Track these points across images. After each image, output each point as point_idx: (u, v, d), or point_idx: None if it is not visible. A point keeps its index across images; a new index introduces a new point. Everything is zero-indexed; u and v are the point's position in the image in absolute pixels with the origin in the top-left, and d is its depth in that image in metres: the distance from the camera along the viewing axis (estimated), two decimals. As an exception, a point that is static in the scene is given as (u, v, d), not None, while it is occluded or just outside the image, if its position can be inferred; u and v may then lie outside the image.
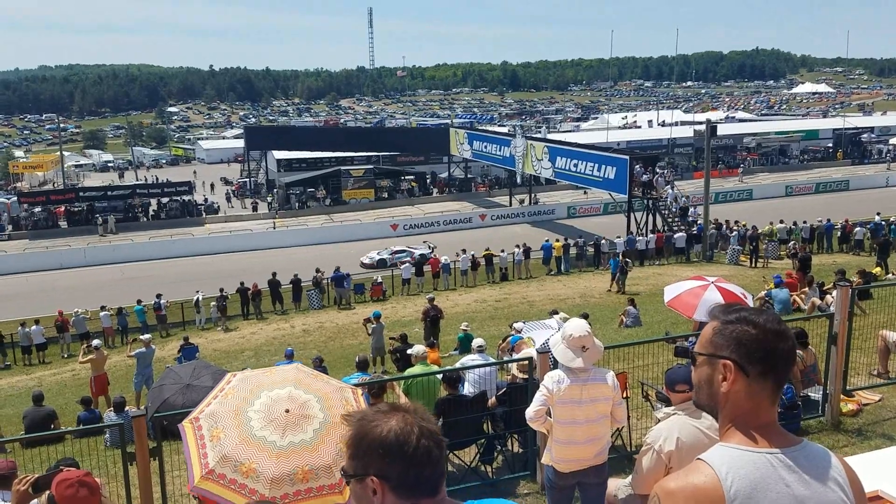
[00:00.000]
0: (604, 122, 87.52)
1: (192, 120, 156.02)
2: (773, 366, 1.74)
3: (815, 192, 51.85)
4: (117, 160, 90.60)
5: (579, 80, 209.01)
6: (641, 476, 3.83)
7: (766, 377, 1.74)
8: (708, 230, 32.29)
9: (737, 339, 1.76)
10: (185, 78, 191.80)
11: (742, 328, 1.76)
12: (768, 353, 1.73)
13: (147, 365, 16.22)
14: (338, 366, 15.24)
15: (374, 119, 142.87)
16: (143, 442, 5.33)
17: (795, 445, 1.73)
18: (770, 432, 1.74)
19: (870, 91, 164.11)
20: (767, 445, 1.71)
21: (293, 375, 3.02)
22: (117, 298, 27.83)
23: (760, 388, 1.75)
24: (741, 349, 1.75)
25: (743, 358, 1.74)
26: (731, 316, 1.81)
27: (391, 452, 1.63)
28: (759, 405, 1.75)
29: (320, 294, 28.28)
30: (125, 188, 52.61)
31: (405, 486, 1.64)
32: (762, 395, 1.75)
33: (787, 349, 1.76)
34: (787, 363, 1.77)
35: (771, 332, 1.75)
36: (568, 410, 4.49)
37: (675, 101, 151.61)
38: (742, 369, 1.74)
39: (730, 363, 1.76)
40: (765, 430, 1.74)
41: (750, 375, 1.74)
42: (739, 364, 1.75)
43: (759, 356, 1.73)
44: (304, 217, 48.80)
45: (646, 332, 15.47)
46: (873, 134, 69.66)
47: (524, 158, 44.68)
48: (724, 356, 1.77)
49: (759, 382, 1.74)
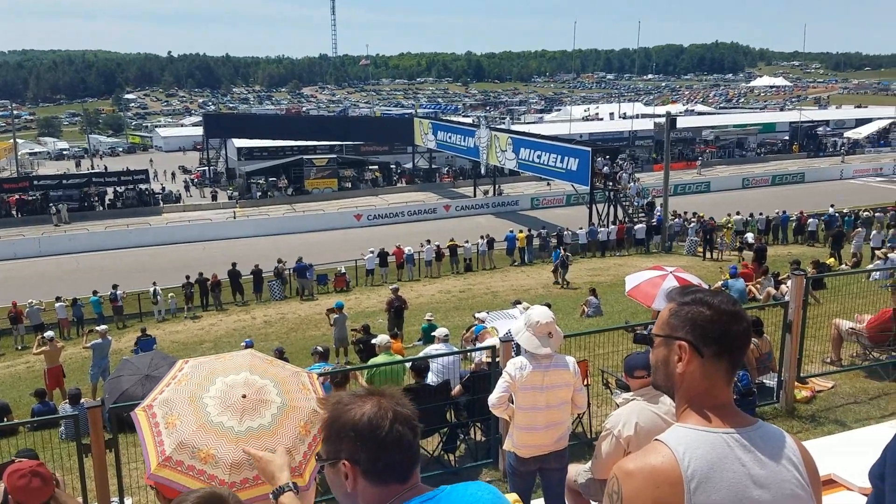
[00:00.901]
0: (567, 114, 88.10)
1: (149, 107, 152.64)
2: (728, 347, 1.76)
3: (771, 185, 52.92)
4: (73, 148, 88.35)
5: (543, 72, 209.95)
6: (601, 461, 3.89)
7: (720, 358, 1.76)
8: (667, 222, 32.78)
9: (692, 319, 1.78)
10: (142, 64, 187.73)
11: (697, 309, 1.78)
12: (723, 334, 1.75)
13: (103, 356, 15.94)
14: (300, 357, 15.12)
15: (338, 108, 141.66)
16: (99, 433, 5.24)
17: (751, 426, 1.76)
18: (726, 413, 1.76)
19: (826, 85, 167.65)
20: (723, 425, 1.73)
21: (248, 361, 2.98)
22: (72, 289, 27.20)
23: (715, 368, 1.77)
24: (696, 330, 1.77)
25: (697, 339, 1.76)
26: (686, 298, 1.82)
27: (363, 436, 1.62)
28: (714, 386, 1.77)
29: (282, 285, 28.01)
30: (80, 176, 51.34)
31: (375, 470, 1.63)
32: (717, 375, 1.77)
33: (741, 330, 1.78)
34: (742, 344, 1.79)
35: (725, 314, 1.76)
36: (530, 396, 4.52)
37: (636, 94, 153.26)
38: (697, 350, 1.76)
39: (685, 344, 1.78)
40: (720, 410, 1.76)
41: (704, 356, 1.76)
42: (694, 345, 1.77)
43: (714, 337, 1.75)
44: (265, 207, 48.23)
45: (606, 322, 15.67)
46: (829, 127, 71.28)
47: (488, 149, 44.78)
48: (679, 337, 1.79)
49: (713, 363, 1.77)
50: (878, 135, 69.22)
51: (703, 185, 52.03)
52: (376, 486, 1.65)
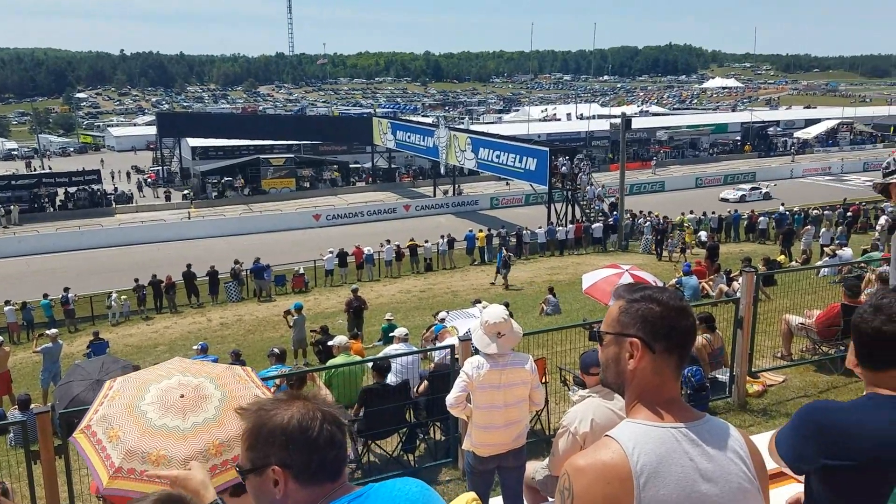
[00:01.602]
0: (525, 115, 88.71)
1: (101, 106, 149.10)
2: (677, 342, 1.79)
3: (723, 184, 53.94)
4: (22, 148, 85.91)
5: (501, 73, 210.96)
6: (558, 457, 3.92)
7: (670, 353, 1.79)
8: (623, 221, 33.23)
9: (642, 316, 1.80)
10: (94, 63, 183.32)
11: (647, 306, 1.81)
12: (672, 330, 1.78)
13: (54, 361, 15.53)
14: (257, 359, 14.94)
15: (295, 107, 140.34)
16: (48, 440, 5.11)
17: (698, 420, 1.79)
18: (674, 407, 1.78)
19: (776, 86, 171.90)
20: (672, 420, 1.76)
21: (177, 365, 3.01)
22: (22, 292, 26.48)
23: (665, 363, 1.80)
24: (647, 326, 1.79)
25: (649, 335, 1.79)
26: (635, 295, 1.85)
27: (294, 439, 1.60)
28: (663, 381, 1.80)
29: (239, 286, 27.64)
30: (30, 177, 50.02)
31: (309, 472, 1.62)
32: (666, 370, 1.80)
33: (689, 325, 1.81)
34: (690, 339, 1.83)
35: (674, 309, 1.79)
36: (487, 395, 4.54)
37: (592, 95, 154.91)
38: (648, 346, 1.79)
39: (637, 341, 1.80)
40: (669, 405, 1.78)
41: (655, 352, 1.79)
42: (646, 341, 1.79)
43: (664, 333, 1.78)
44: (221, 207, 47.53)
45: (564, 320, 15.82)
46: (779, 127, 73.09)
47: (448, 149, 44.84)
48: (630, 334, 1.81)
49: (664, 358, 1.79)
50: (827, 135, 71.23)
51: (657, 185, 52.89)
52: (307, 487, 1.63)
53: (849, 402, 2.13)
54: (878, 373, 2.11)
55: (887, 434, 1.94)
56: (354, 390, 7.92)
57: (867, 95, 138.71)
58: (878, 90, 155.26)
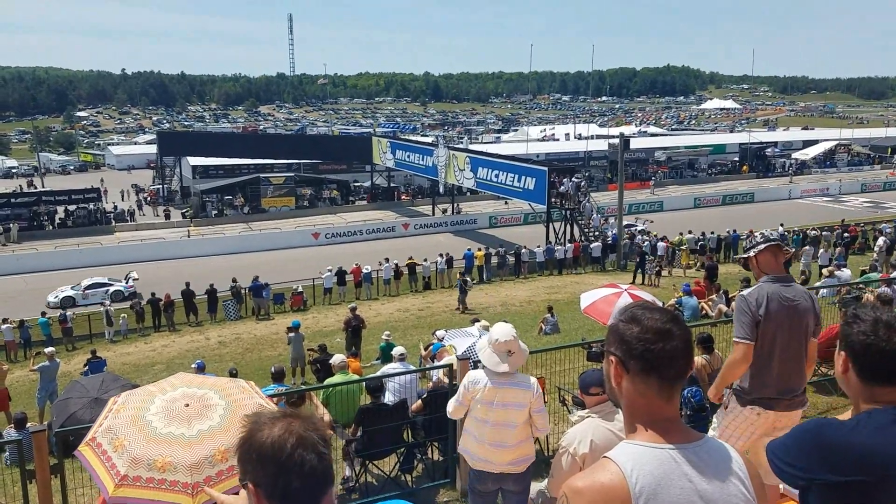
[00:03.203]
0: (524, 135, 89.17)
1: (102, 125, 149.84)
2: (654, 364, 1.76)
3: (721, 204, 54.16)
4: (22, 166, 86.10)
5: (500, 93, 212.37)
6: (557, 479, 3.90)
7: (647, 374, 1.78)
8: (622, 240, 33.26)
9: (620, 335, 1.82)
10: (95, 81, 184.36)
11: (626, 326, 1.82)
12: (647, 351, 1.77)
13: (51, 379, 15.50)
14: (255, 378, 14.85)
15: (295, 126, 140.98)
16: (44, 459, 5.08)
17: (697, 441, 1.79)
18: (671, 428, 1.78)
19: (774, 107, 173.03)
20: (670, 441, 1.76)
21: (181, 379, 3.06)
22: (20, 310, 26.42)
23: (646, 384, 1.78)
24: (622, 346, 1.81)
25: (624, 354, 1.80)
26: (624, 314, 1.86)
27: (264, 460, 1.59)
28: (651, 402, 1.79)
29: (238, 304, 27.60)
30: (30, 195, 50.05)
31: (276, 495, 1.59)
32: (649, 392, 1.79)
33: (668, 348, 1.76)
34: (669, 362, 1.77)
35: (651, 331, 1.78)
36: (481, 410, 4.56)
37: (590, 116, 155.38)
38: (623, 365, 1.80)
39: (613, 358, 1.83)
40: (665, 426, 1.78)
41: (630, 371, 1.79)
42: (621, 360, 1.81)
43: (637, 353, 1.78)
44: (220, 225, 47.56)
45: (563, 339, 15.79)
46: (777, 148, 73.36)
47: (447, 168, 44.98)
48: (610, 352, 1.85)
49: (642, 379, 1.79)
50: (825, 156, 71.55)
51: (656, 205, 53.00)
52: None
53: (851, 419, 2.13)
54: (876, 388, 2.11)
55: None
56: (352, 409, 7.88)
57: (864, 117, 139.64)
58: (875, 112, 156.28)
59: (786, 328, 4.18)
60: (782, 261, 4.41)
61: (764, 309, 4.15)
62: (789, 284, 4.28)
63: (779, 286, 4.22)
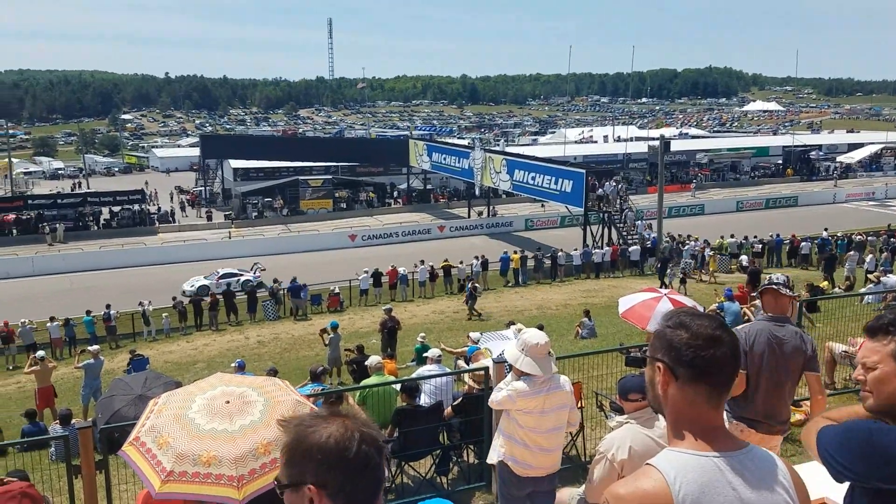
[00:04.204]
0: (561, 137, 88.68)
1: (146, 128, 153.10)
2: (704, 371, 1.75)
3: (765, 208, 53.14)
4: (68, 168, 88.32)
5: (537, 95, 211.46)
6: (594, 485, 3.86)
7: (696, 381, 1.76)
8: (661, 244, 32.85)
9: (668, 342, 1.79)
10: (139, 85, 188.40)
11: (675, 332, 1.79)
12: (697, 358, 1.75)
13: (95, 377, 15.83)
14: (293, 377, 14.99)
15: (334, 129, 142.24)
16: (89, 455, 5.19)
17: (741, 449, 1.76)
18: (716, 436, 1.76)
19: (818, 110, 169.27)
20: (714, 449, 1.73)
21: (219, 378, 3.17)
22: (65, 309, 27.08)
23: (695, 392, 1.76)
24: (671, 352, 1.78)
25: (673, 361, 1.77)
26: (671, 320, 1.84)
27: (330, 458, 1.58)
28: (697, 409, 1.77)
29: (276, 305, 27.94)
30: (75, 196, 51.31)
31: (343, 493, 1.59)
32: (697, 399, 1.77)
33: (718, 355, 1.75)
34: (720, 369, 1.76)
35: (702, 337, 1.76)
36: (534, 419, 4.54)
37: (630, 117, 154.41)
38: (672, 372, 1.77)
39: (661, 365, 1.80)
40: (710, 433, 1.76)
41: (679, 378, 1.77)
42: (670, 367, 1.78)
43: (687, 360, 1.75)
44: (260, 227, 48.21)
45: (601, 343, 15.65)
46: (821, 151, 71.77)
47: (483, 171, 44.94)
48: (657, 358, 1.81)
49: (691, 386, 1.76)
50: (871, 159, 69.75)
51: (697, 208, 52.26)
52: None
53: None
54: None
55: None
56: (388, 411, 7.91)
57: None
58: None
59: (772, 364, 4.65)
60: (784, 303, 4.84)
61: (751, 343, 4.64)
62: (782, 325, 4.72)
63: (772, 325, 4.72)
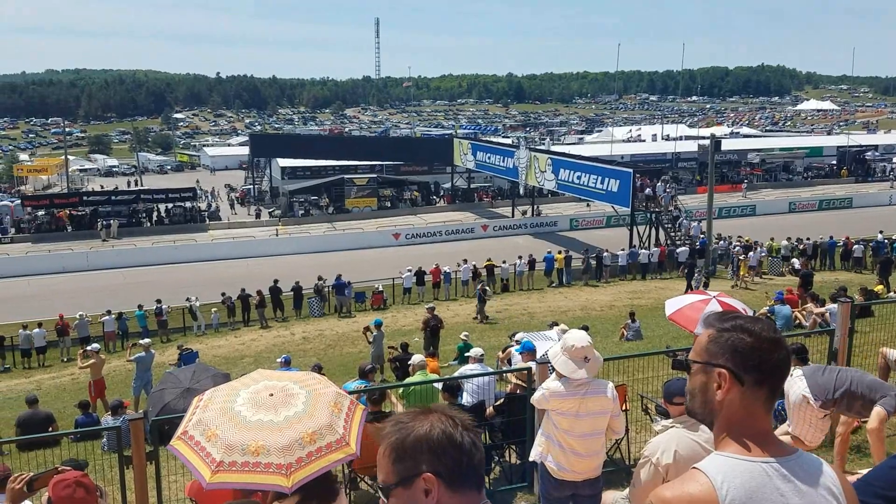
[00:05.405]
0: (608, 135, 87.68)
1: (197, 127, 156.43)
2: (769, 374, 1.74)
3: (818, 209, 51.73)
4: (122, 165, 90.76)
5: (584, 93, 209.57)
6: (639, 489, 3.82)
7: (760, 386, 1.74)
8: (711, 245, 32.26)
9: (732, 346, 1.75)
10: (191, 84, 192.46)
11: (738, 336, 1.76)
12: (763, 362, 1.73)
13: (146, 369, 16.23)
14: (337, 374, 15.21)
15: (379, 128, 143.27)
16: (140, 446, 5.33)
17: (790, 455, 1.73)
18: (765, 441, 1.73)
19: (874, 109, 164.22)
20: (762, 454, 1.71)
21: (261, 374, 3.26)
22: (118, 303, 27.84)
23: (755, 396, 1.74)
24: (736, 357, 1.74)
25: (738, 366, 1.74)
26: (726, 324, 1.80)
27: (440, 447, 1.65)
28: (753, 414, 1.75)
29: (321, 302, 28.27)
30: (129, 193, 52.71)
31: (460, 475, 1.66)
32: (756, 403, 1.75)
33: (781, 358, 1.75)
34: (782, 372, 1.77)
35: (766, 341, 1.74)
36: (568, 422, 4.50)
37: (679, 116, 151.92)
38: (737, 378, 1.74)
39: (725, 371, 1.75)
40: (759, 438, 1.73)
41: (745, 384, 1.74)
42: (734, 372, 1.74)
43: (754, 364, 1.73)
44: (306, 225, 48.83)
45: (646, 346, 15.46)
46: (877, 152, 69.59)
47: (527, 170, 44.74)
48: (719, 364, 1.77)
49: (753, 391, 1.74)
50: (930, 160, 67.33)
51: (748, 209, 51.17)
52: (457, 494, 1.66)
53: None
54: None
55: None
56: (431, 409, 7.92)
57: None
58: None
59: None
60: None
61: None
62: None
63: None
